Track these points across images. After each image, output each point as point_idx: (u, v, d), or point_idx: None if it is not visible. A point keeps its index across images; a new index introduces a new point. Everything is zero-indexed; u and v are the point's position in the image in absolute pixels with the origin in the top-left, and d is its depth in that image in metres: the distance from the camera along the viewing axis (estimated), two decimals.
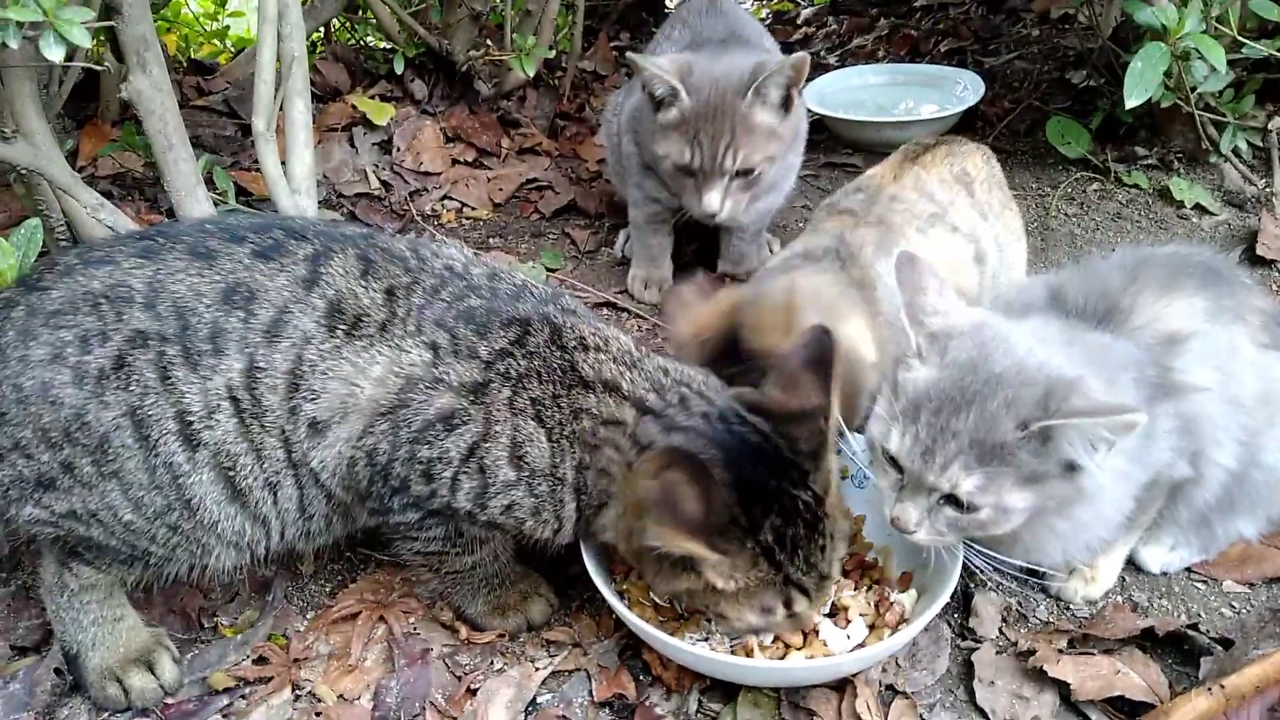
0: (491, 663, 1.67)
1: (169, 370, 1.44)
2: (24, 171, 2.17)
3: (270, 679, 1.65)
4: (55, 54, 1.60)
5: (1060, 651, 1.60)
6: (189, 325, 1.45)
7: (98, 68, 2.07)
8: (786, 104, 2.31)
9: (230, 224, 1.58)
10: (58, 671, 1.66)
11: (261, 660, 1.69)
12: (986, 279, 2.06)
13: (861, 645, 1.57)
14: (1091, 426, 1.32)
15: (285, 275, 1.50)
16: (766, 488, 1.39)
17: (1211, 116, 2.84)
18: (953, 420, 1.38)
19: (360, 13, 3.87)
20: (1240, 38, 2.52)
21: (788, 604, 1.43)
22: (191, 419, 1.45)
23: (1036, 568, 1.62)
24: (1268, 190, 2.89)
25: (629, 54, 2.36)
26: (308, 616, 1.78)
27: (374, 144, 3.27)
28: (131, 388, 1.44)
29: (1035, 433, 1.34)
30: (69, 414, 1.43)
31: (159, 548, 1.54)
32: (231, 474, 1.49)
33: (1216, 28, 2.49)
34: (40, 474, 1.47)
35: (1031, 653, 1.60)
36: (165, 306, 1.46)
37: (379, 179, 3.16)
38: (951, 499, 1.42)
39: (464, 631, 1.71)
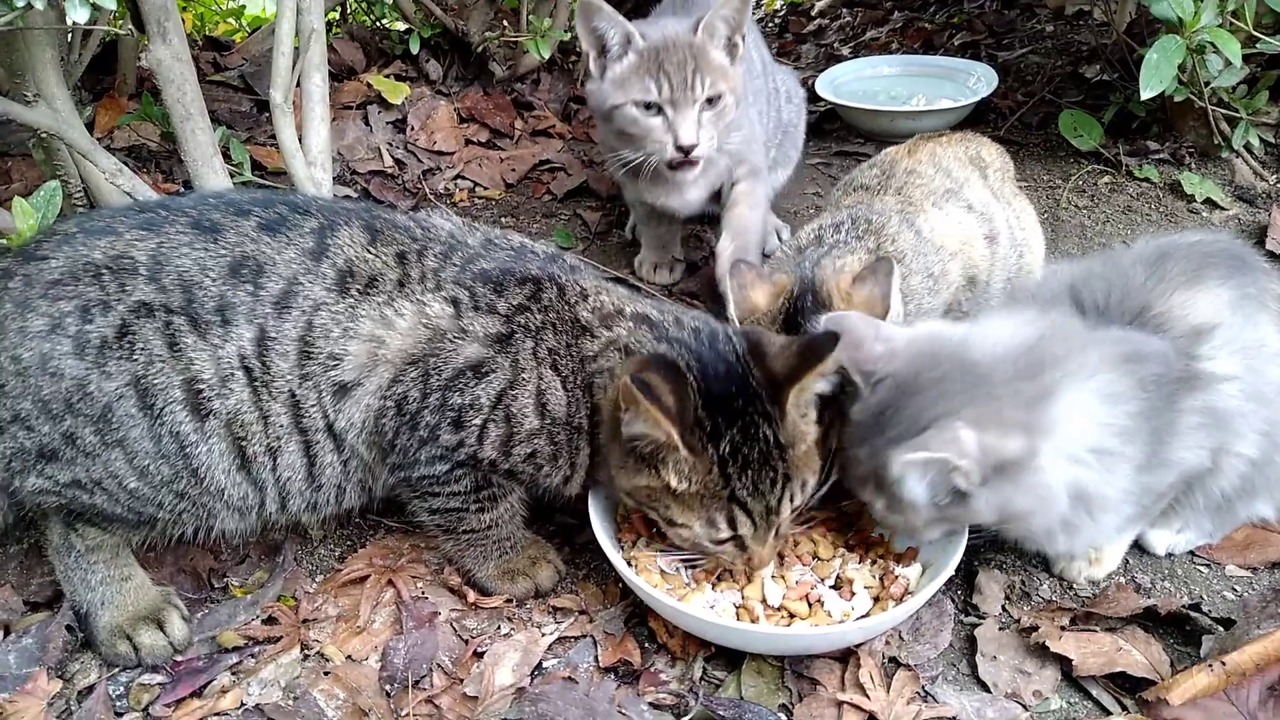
0: (498, 627, 1.69)
1: (177, 338, 1.45)
2: (44, 136, 2.19)
3: (279, 638, 1.67)
4: (80, 14, 1.61)
5: (1063, 628, 1.61)
6: (195, 298, 1.46)
7: (120, 32, 2.08)
8: (732, 50, 2.28)
9: (234, 198, 1.59)
10: (69, 628, 1.68)
11: (271, 620, 1.71)
12: (999, 258, 2.08)
13: (865, 616, 1.59)
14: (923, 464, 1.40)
15: (293, 248, 1.51)
16: (733, 405, 1.47)
17: (1224, 112, 2.84)
18: (859, 450, 1.51)
19: None
20: (1256, 33, 2.52)
21: (731, 522, 1.50)
22: (201, 387, 1.46)
23: None
24: (1279, 186, 2.89)
25: (579, 2, 2.23)
26: (317, 579, 1.80)
27: (388, 123, 3.28)
28: (136, 357, 1.44)
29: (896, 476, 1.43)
30: (70, 385, 1.44)
31: (165, 513, 1.56)
32: (244, 442, 1.51)
33: (1232, 22, 2.50)
34: (42, 445, 1.48)
35: (1034, 629, 1.61)
36: (170, 279, 1.46)
37: (393, 157, 3.18)
38: None
39: (471, 596, 1.73)
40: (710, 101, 2.24)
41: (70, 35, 2.49)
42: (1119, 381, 1.46)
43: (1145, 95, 2.41)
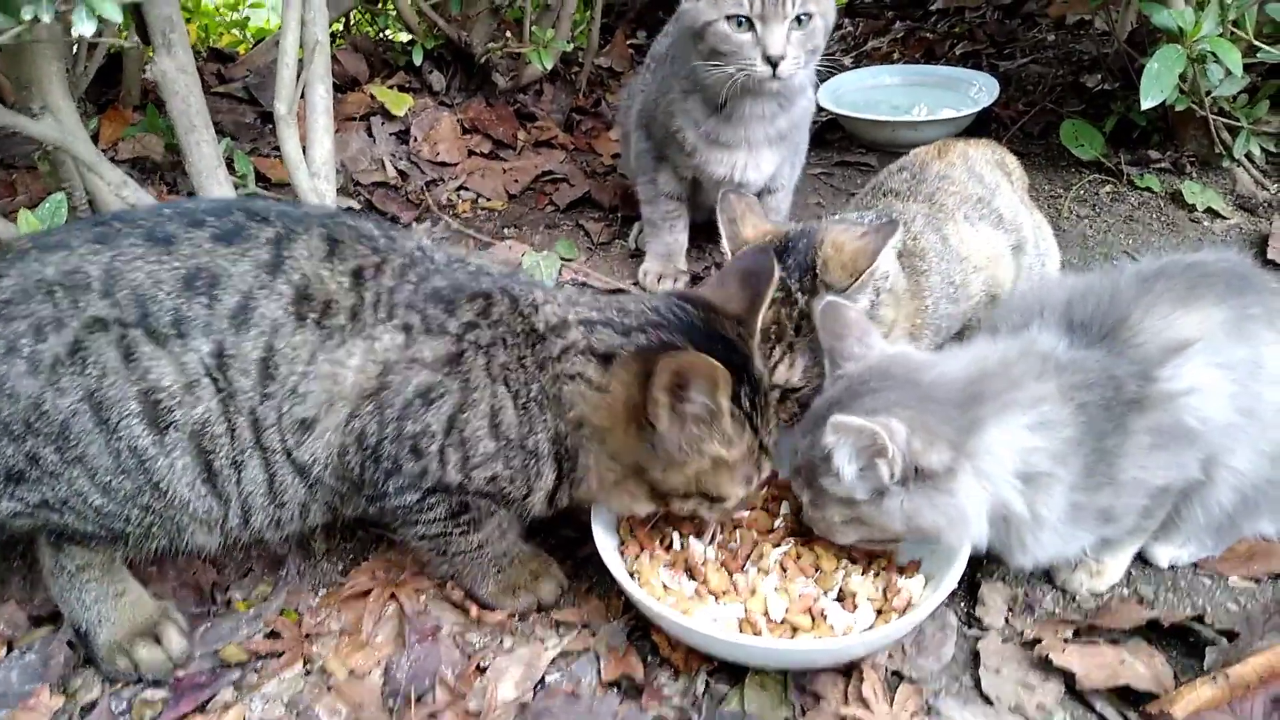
0: (501, 642, 1.68)
1: (133, 348, 1.43)
2: (49, 149, 2.20)
3: (282, 653, 1.67)
4: (86, 28, 1.62)
5: (1066, 641, 1.61)
6: (149, 312, 1.44)
7: (125, 45, 2.09)
8: None
9: (188, 208, 1.56)
10: (71, 644, 1.68)
11: (274, 635, 1.71)
12: (1023, 268, 2.08)
13: (869, 629, 1.58)
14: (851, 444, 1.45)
15: (248, 260, 1.48)
16: (732, 361, 1.48)
17: (1225, 121, 2.85)
18: (804, 441, 1.58)
19: (380, 4, 3.90)
20: (1256, 42, 2.53)
21: (760, 469, 1.58)
22: (160, 397, 1.44)
23: None
24: None
25: None
26: (320, 593, 1.80)
27: (391, 134, 3.30)
28: (88, 372, 1.42)
29: (826, 453, 1.47)
30: (26, 404, 1.42)
31: (134, 527, 1.54)
32: (210, 455, 1.49)
33: (1233, 32, 2.50)
34: (9, 468, 1.47)
35: (1037, 642, 1.61)
36: (124, 294, 1.44)
37: (396, 168, 3.19)
38: None
39: (474, 610, 1.72)
40: (799, 20, 2.26)
41: (76, 48, 2.50)
42: (1057, 410, 1.50)
43: (1146, 105, 2.42)
